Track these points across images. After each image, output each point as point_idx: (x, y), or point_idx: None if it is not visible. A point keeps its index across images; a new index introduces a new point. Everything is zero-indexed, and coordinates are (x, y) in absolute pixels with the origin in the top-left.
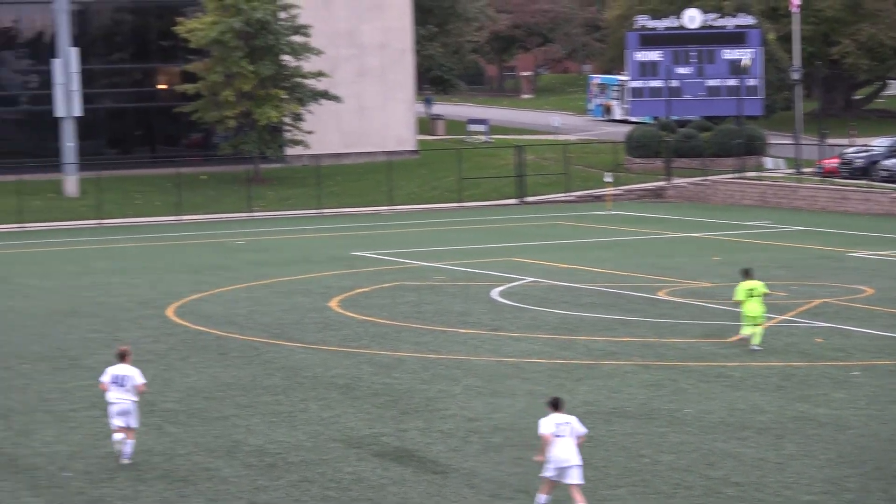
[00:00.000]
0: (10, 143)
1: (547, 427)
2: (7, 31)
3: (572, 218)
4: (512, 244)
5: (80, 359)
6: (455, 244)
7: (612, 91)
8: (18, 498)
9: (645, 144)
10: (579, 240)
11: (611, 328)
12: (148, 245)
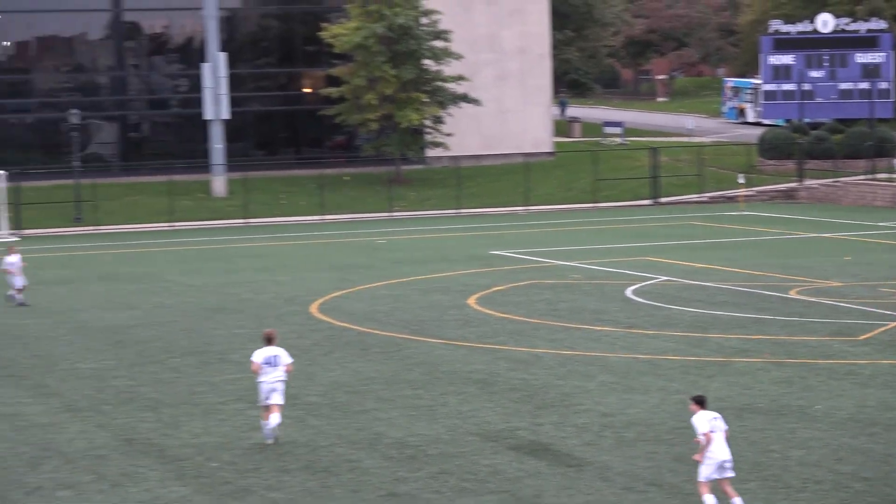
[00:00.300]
0: (161, 145)
1: (705, 425)
2: (158, 37)
3: (705, 218)
4: (646, 244)
5: (227, 353)
6: (590, 244)
7: (745, 94)
8: (167, 486)
9: (777, 146)
10: (712, 240)
11: (743, 326)
12: (292, 244)
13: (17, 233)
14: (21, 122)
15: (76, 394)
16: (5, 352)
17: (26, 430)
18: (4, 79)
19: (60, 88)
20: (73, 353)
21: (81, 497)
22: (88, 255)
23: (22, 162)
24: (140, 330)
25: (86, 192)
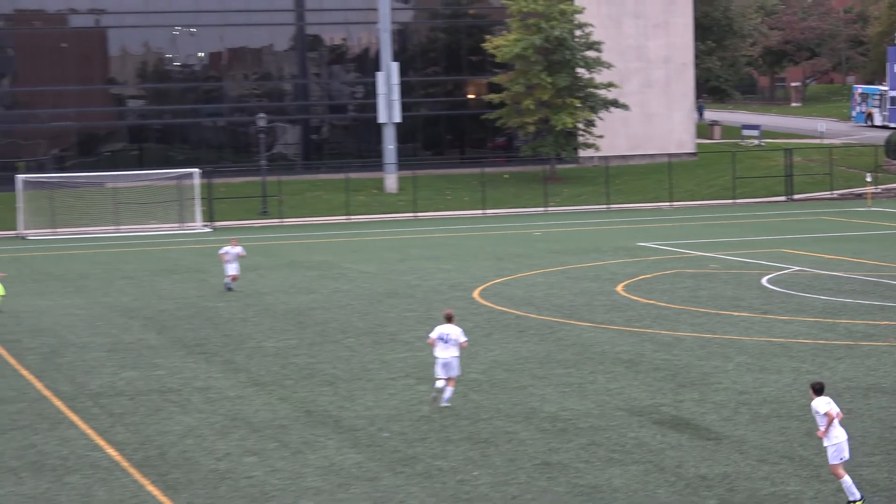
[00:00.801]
0: (339, 146)
1: (825, 406)
2: (337, 48)
3: (835, 214)
4: (780, 237)
5: (398, 334)
6: (729, 236)
7: (873, 100)
8: (343, 454)
9: None
10: (841, 233)
11: (870, 313)
12: (457, 235)
13: (209, 224)
14: (214, 125)
15: (261, 369)
16: (199, 332)
17: (217, 402)
18: (200, 86)
19: (249, 95)
20: (259, 333)
21: (265, 463)
22: (274, 244)
23: (214, 161)
24: (319, 312)
25: (271, 188)
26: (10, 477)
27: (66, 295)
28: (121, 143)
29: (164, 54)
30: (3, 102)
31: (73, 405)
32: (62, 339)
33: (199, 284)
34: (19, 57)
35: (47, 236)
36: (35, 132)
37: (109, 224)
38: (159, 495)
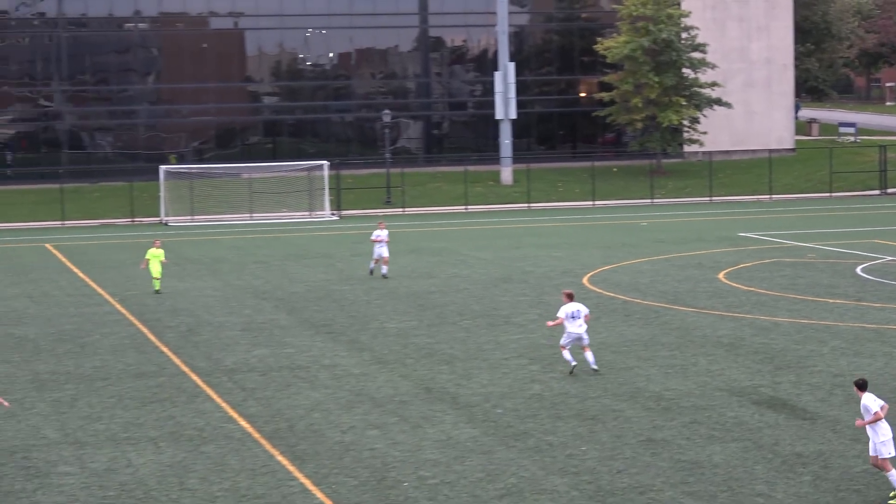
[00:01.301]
0: (458, 140)
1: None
2: (458, 49)
3: None
4: (874, 228)
5: (511, 317)
6: (825, 228)
7: None
8: (459, 428)
9: None
10: None
11: None
12: (567, 225)
13: (336, 212)
14: (342, 120)
15: (384, 349)
16: (326, 313)
17: (342, 379)
18: (330, 84)
19: (375, 92)
20: (382, 315)
21: (387, 436)
22: (396, 232)
23: (342, 154)
24: (439, 296)
25: (395, 180)
26: (149, 446)
27: (202, 277)
28: (256, 136)
29: (297, 54)
30: (148, 98)
31: (209, 380)
32: (199, 318)
33: (326, 269)
34: (163, 56)
35: (186, 223)
36: (177, 126)
37: (244, 212)
38: (288, 465)
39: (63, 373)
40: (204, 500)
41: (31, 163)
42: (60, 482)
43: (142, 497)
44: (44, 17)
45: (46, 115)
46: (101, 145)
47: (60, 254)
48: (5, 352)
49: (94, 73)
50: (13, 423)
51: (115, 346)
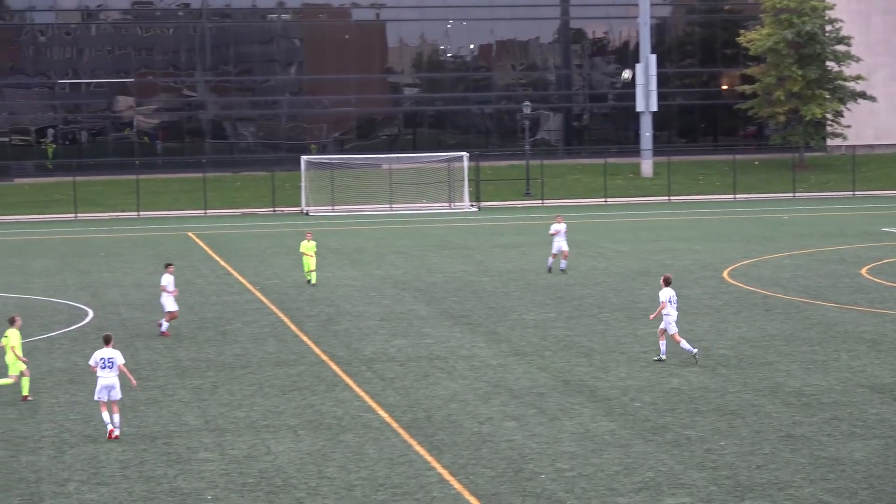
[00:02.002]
0: (597, 133)
1: None
2: (599, 41)
3: None
4: None
5: (650, 310)
6: None
7: None
8: (597, 421)
9: None
10: None
11: None
12: (707, 218)
13: (476, 204)
14: (482, 112)
15: (522, 340)
16: (465, 304)
17: (480, 370)
18: (470, 75)
19: (515, 84)
20: (520, 306)
21: (525, 427)
22: (535, 224)
23: (482, 145)
24: (577, 288)
25: (534, 171)
26: (289, 434)
27: (342, 267)
28: (396, 127)
29: (437, 45)
30: (290, 89)
31: (348, 369)
32: (338, 308)
33: (465, 260)
34: (305, 47)
35: (327, 213)
36: (318, 117)
37: (384, 203)
38: (425, 455)
39: (204, 360)
40: (342, 489)
41: (175, 152)
42: (201, 468)
43: (280, 484)
44: (188, 7)
45: (190, 106)
46: (243, 135)
47: (202, 242)
48: (149, 339)
49: (237, 64)
50: (155, 410)
51: (255, 335)
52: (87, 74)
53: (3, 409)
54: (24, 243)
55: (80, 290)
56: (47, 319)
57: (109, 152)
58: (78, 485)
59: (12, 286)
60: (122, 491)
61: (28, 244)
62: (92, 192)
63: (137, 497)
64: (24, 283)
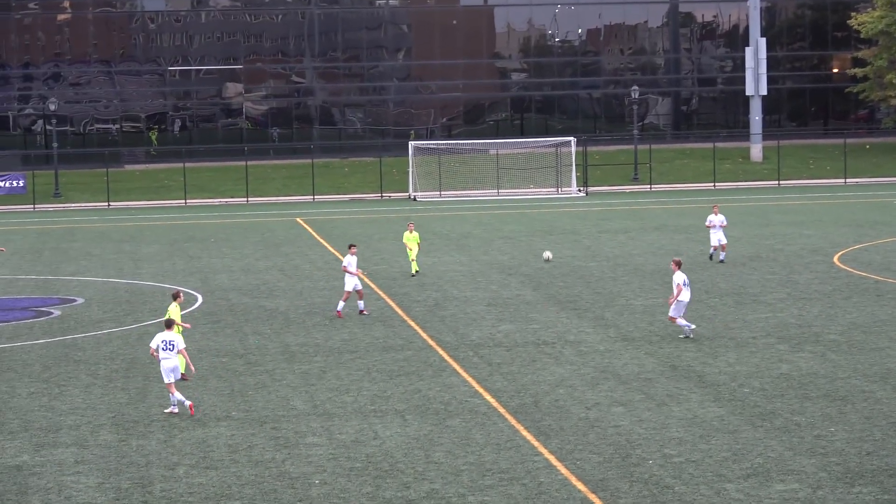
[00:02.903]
0: (706, 117)
1: None
2: (708, 24)
3: None
4: None
5: (760, 295)
6: None
7: None
8: (705, 407)
9: None
10: None
11: None
12: (818, 203)
13: (583, 189)
14: (590, 96)
15: (630, 326)
16: (572, 289)
17: (587, 355)
18: (578, 60)
19: (624, 68)
20: (628, 292)
21: (632, 413)
22: (643, 209)
23: (590, 130)
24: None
25: (642, 156)
26: (396, 419)
27: (449, 252)
28: (504, 112)
29: (545, 30)
30: (397, 75)
31: (455, 354)
32: (445, 293)
33: (572, 245)
34: (413, 33)
35: (434, 198)
36: (425, 102)
37: (491, 188)
38: (532, 440)
39: (312, 345)
40: (449, 474)
41: (284, 138)
42: (308, 453)
43: (388, 469)
44: None
45: (299, 92)
46: (351, 121)
47: (310, 228)
48: (257, 323)
49: (345, 50)
50: (264, 394)
51: (363, 320)
52: (196, 61)
53: (114, 393)
54: (135, 229)
55: (190, 276)
56: (157, 305)
57: (219, 139)
58: (187, 469)
59: (123, 272)
60: (230, 475)
61: (139, 230)
62: (201, 178)
63: (246, 481)
64: (134, 268)
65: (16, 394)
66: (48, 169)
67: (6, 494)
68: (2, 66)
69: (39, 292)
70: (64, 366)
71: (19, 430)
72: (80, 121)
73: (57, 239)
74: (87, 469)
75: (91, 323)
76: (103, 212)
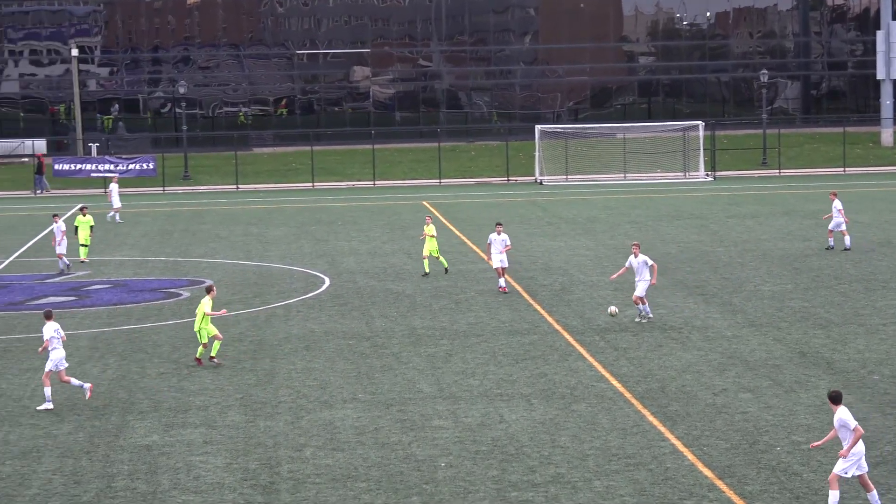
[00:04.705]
0: (837, 101)
1: (852, 420)
2: (838, 7)
3: None
4: None
5: (890, 282)
6: None
7: None
8: None
9: None
10: None
11: None
12: None
13: (711, 174)
14: (718, 80)
15: (757, 311)
16: (699, 274)
17: (714, 341)
18: (706, 44)
19: (752, 52)
20: (756, 277)
21: (760, 399)
22: (771, 193)
23: (717, 114)
24: (814, 259)
25: (771, 141)
26: (522, 402)
27: (575, 237)
28: (631, 96)
29: (673, 13)
30: (524, 59)
31: (582, 339)
32: (571, 277)
33: (700, 230)
34: (540, 16)
35: (560, 182)
36: (552, 86)
37: (618, 172)
38: (658, 425)
39: (438, 328)
40: (574, 458)
41: (411, 122)
42: (434, 436)
43: (513, 453)
44: None
45: (425, 76)
46: (477, 105)
47: (437, 211)
48: (384, 307)
49: (471, 34)
50: (390, 377)
51: (489, 304)
52: (324, 45)
53: (242, 374)
54: (263, 212)
55: (317, 259)
56: (284, 287)
57: (346, 122)
58: (314, 450)
59: (251, 254)
60: (357, 457)
61: (267, 212)
62: (329, 161)
63: (372, 463)
64: (262, 251)
65: (146, 374)
66: (177, 152)
67: (136, 473)
68: (132, 49)
69: (169, 274)
70: (193, 347)
71: (149, 411)
72: (209, 104)
73: (186, 221)
74: (215, 449)
75: (219, 304)
76: (231, 194)
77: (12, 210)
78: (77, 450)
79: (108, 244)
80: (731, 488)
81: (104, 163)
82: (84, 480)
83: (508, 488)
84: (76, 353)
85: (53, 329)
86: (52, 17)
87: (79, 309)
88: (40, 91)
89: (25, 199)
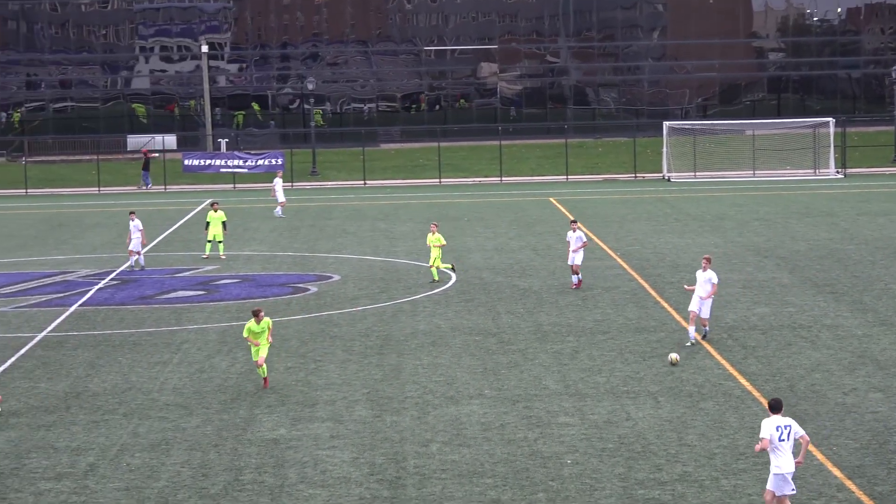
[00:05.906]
0: None
1: (767, 431)
2: None
3: None
4: None
5: None
6: None
7: None
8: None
9: None
10: None
11: None
12: None
13: (841, 171)
14: (849, 76)
15: (888, 310)
16: (829, 272)
17: (845, 340)
18: (837, 39)
19: (884, 48)
20: (886, 275)
21: (891, 399)
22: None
23: (848, 110)
24: None
25: None
26: (649, 400)
27: (703, 234)
28: (760, 92)
29: (804, 9)
30: (652, 55)
31: (709, 337)
32: None
33: (829, 228)
34: (669, 12)
35: (688, 179)
36: (681, 82)
37: (747, 169)
38: None
39: (565, 325)
40: (702, 457)
41: (538, 118)
42: (560, 432)
43: (640, 451)
44: None
45: (553, 72)
46: (605, 101)
47: (563, 208)
48: (510, 303)
49: (599, 30)
50: (516, 373)
51: (616, 300)
52: (451, 41)
53: (368, 369)
54: (390, 207)
55: (444, 254)
56: (411, 283)
57: (473, 118)
58: (440, 445)
59: (379, 249)
60: (483, 452)
61: (394, 208)
62: (456, 157)
63: (498, 459)
64: (389, 246)
65: (273, 368)
66: (306, 147)
67: (264, 467)
68: (261, 45)
69: (297, 269)
70: (320, 341)
71: (277, 405)
72: (337, 100)
73: (314, 216)
74: (342, 444)
75: (347, 300)
76: (359, 190)
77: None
78: (205, 443)
79: (237, 239)
80: (861, 489)
81: (233, 158)
82: (212, 473)
83: (635, 486)
84: (205, 346)
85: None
86: (183, 13)
87: (208, 303)
88: (170, 87)
89: (156, 195)
